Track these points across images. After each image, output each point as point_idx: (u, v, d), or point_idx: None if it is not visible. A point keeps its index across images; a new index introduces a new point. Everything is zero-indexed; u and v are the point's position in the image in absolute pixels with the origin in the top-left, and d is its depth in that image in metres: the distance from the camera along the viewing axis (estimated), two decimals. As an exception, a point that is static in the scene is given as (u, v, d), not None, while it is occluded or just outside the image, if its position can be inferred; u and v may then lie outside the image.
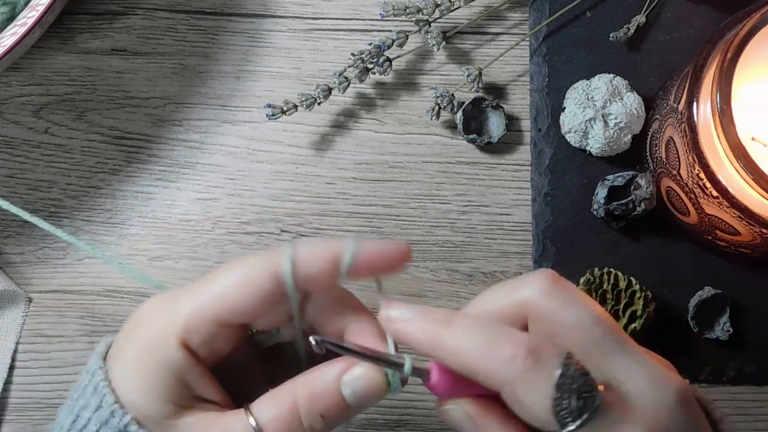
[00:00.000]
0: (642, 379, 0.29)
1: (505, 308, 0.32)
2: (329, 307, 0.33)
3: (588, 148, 0.49)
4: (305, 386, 0.32)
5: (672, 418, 0.29)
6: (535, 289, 0.31)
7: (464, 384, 0.32)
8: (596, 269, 0.48)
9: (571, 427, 0.28)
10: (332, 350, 0.31)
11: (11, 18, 0.47)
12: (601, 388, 0.29)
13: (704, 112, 0.41)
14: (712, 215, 0.44)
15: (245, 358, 0.35)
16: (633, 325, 0.47)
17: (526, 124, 0.52)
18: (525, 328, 0.32)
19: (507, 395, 0.30)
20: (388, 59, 0.51)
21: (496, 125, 0.51)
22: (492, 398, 0.31)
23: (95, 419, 0.31)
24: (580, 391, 0.28)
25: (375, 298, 0.33)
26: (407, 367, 0.31)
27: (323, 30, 0.53)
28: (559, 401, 0.28)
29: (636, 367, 0.30)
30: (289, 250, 0.31)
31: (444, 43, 0.51)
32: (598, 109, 0.48)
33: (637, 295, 0.47)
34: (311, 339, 0.31)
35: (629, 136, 0.49)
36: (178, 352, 0.31)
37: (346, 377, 0.31)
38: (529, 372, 0.29)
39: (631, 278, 0.48)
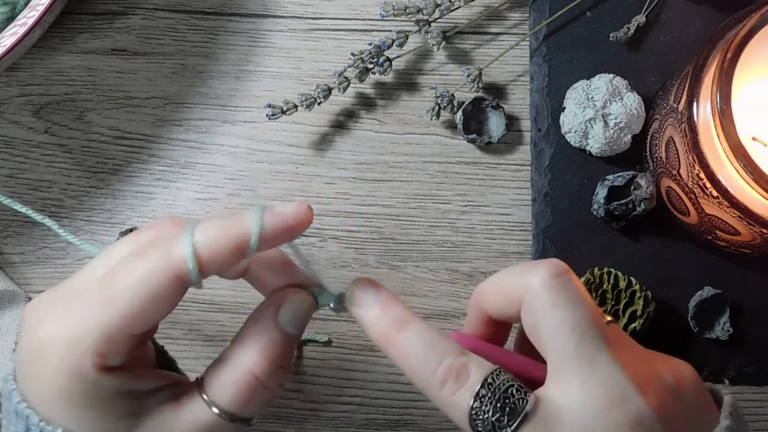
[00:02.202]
0: (590, 392, 0.29)
1: (511, 289, 0.32)
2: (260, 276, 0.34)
3: (588, 148, 0.49)
4: (253, 356, 0.31)
5: None
6: (537, 278, 0.31)
7: (482, 350, 0.33)
8: (596, 269, 0.48)
9: None
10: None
11: (11, 18, 0.47)
12: (531, 401, 0.29)
13: (704, 112, 0.41)
14: (712, 215, 0.44)
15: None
16: (633, 325, 0.47)
17: (526, 124, 0.52)
18: None
19: (438, 407, 0.31)
20: (388, 59, 0.51)
21: (496, 125, 0.51)
22: (508, 366, 0.33)
23: None
24: (501, 409, 0.29)
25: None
26: (329, 297, 0.34)
27: (323, 30, 0.53)
28: (474, 419, 0.30)
29: (592, 379, 0.29)
30: (188, 244, 0.29)
31: (444, 43, 0.51)
32: (598, 109, 0.48)
33: (637, 295, 0.47)
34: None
35: (629, 136, 0.49)
36: (104, 378, 0.30)
37: (283, 316, 0.32)
38: (451, 391, 0.30)
39: (631, 278, 0.48)
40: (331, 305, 0.34)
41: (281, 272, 0.34)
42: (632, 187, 0.48)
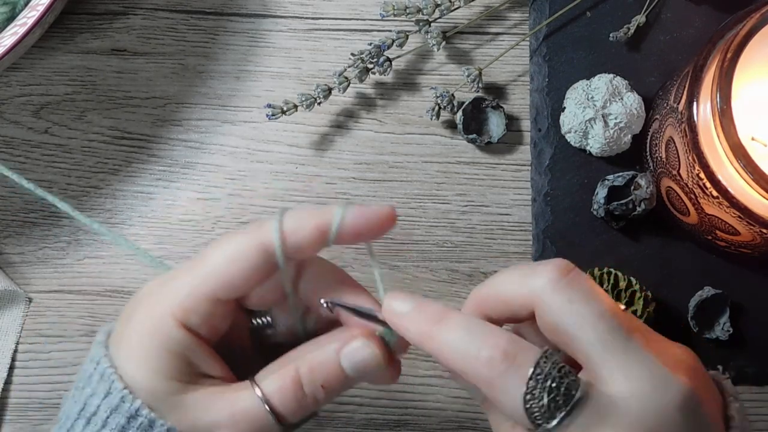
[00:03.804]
0: (635, 380, 0.29)
1: (515, 296, 0.32)
2: (322, 283, 0.34)
3: (588, 148, 0.49)
4: (307, 358, 0.32)
5: (661, 425, 0.28)
6: (544, 281, 0.31)
7: None
8: (596, 269, 0.48)
9: (548, 426, 0.29)
10: (341, 312, 0.33)
11: (11, 18, 0.47)
12: (584, 385, 0.29)
13: (704, 112, 0.41)
14: (712, 215, 0.44)
15: (244, 340, 0.36)
16: (633, 325, 0.47)
17: (526, 124, 0.52)
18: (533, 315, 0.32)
19: (487, 395, 0.30)
20: (388, 59, 0.51)
21: (496, 125, 0.51)
22: None
23: (105, 405, 0.31)
24: (556, 389, 0.28)
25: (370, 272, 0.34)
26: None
27: (323, 30, 0.53)
28: (528, 401, 0.29)
29: (633, 368, 0.29)
30: (276, 221, 0.32)
31: (444, 43, 0.51)
32: (598, 109, 0.48)
33: (637, 295, 0.47)
34: (321, 301, 0.32)
35: (629, 136, 0.49)
36: (178, 331, 0.32)
37: (346, 350, 0.32)
38: (503, 375, 0.29)
39: (631, 278, 0.48)
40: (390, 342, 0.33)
41: (333, 282, 0.34)
42: (632, 187, 0.48)
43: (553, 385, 0.29)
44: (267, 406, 0.32)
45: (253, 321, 0.36)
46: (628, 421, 0.28)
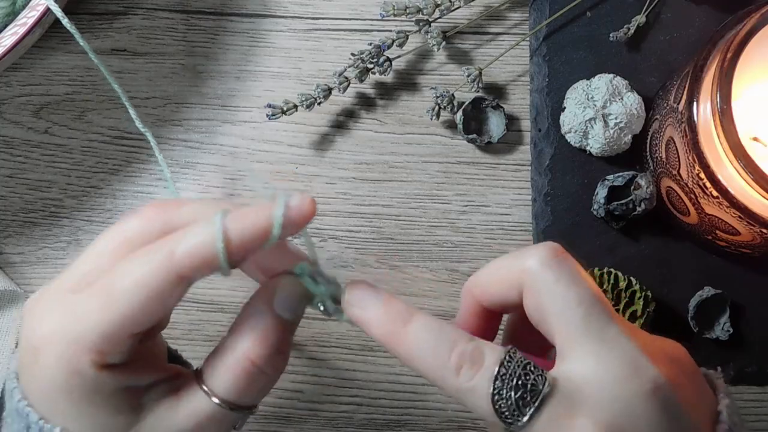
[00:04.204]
0: (607, 362, 0.29)
1: (508, 276, 0.32)
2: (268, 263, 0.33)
3: (588, 148, 0.49)
4: (249, 342, 0.31)
5: (632, 414, 0.28)
6: (535, 259, 0.31)
7: None
8: (596, 269, 0.48)
9: (519, 423, 0.29)
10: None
11: (12, 13, 0.47)
12: (550, 379, 0.29)
13: (704, 112, 0.41)
14: (712, 215, 0.44)
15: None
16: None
17: (526, 124, 0.52)
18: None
19: (458, 400, 0.30)
20: (388, 59, 0.51)
21: (496, 125, 0.51)
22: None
23: None
24: (522, 386, 0.29)
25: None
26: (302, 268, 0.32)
27: (323, 30, 0.53)
28: (497, 401, 0.29)
29: (607, 350, 0.29)
30: (218, 232, 0.29)
31: (444, 43, 0.51)
32: (598, 109, 0.48)
33: (637, 295, 0.47)
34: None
35: (629, 136, 0.49)
36: (102, 375, 0.30)
37: (277, 300, 0.32)
38: (470, 380, 0.30)
39: (631, 278, 0.48)
40: (322, 308, 0.32)
41: (277, 258, 0.33)
42: (632, 187, 0.48)
43: (519, 382, 0.29)
44: (228, 408, 0.31)
45: None
46: (598, 408, 0.28)
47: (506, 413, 0.29)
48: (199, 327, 0.50)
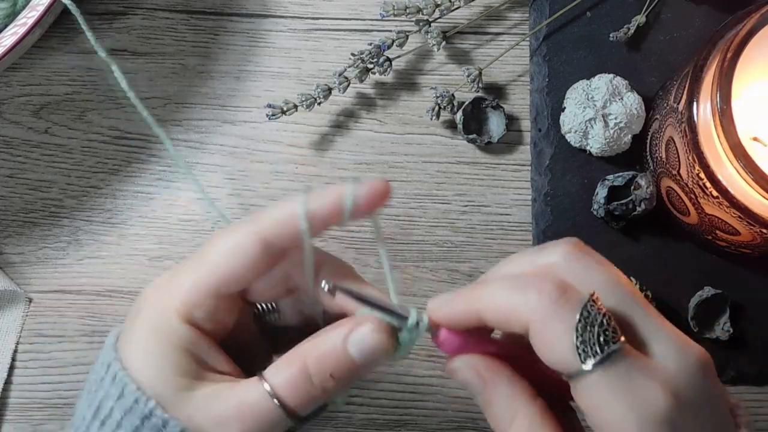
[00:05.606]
0: (664, 340, 0.30)
1: (512, 314, 0.31)
2: (331, 275, 0.34)
3: (588, 148, 0.49)
4: (313, 348, 0.32)
5: (691, 384, 0.29)
6: (559, 254, 0.31)
7: (473, 341, 0.32)
8: (596, 269, 0.48)
9: (590, 363, 0.29)
10: (345, 301, 0.33)
11: (12, 14, 0.47)
12: (622, 337, 0.29)
13: (704, 112, 0.41)
14: (712, 215, 0.44)
15: (251, 334, 0.36)
16: (633, 325, 0.47)
17: (526, 124, 0.52)
18: None
19: (534, 333, 0.30)
20: (388, 59, 0.51)
21: (496, 125, 0.51)
22: (499, 357, 0.32)
23: (118, 407, 0.32)
24: (601, 330, 0.29)
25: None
26: (412, 317, 0.32)
27: (323, 30, 0.53)
28: (580, 334, 0.29)
29: (659, 330, 0.30)
30: (302, 199, 0.32)
31: (444, 43, 0.51)
32: (598, 109, 0.48)
33: (637, 295, 0.47)
34: (323, 282, 0.32)
35: (629, 136, 0.49)
36: (183, 327, 0.32)
37: (353, 336, 0.32)
38: (556, 305, 0.29)
39: (631, 278, 0.48)
40: (402, 336, 0.33)
41: (342, 276, 0.34)
42: (632, 187, 0.48)
43: (599, 328, 0.29)
44: (276, 400, 0.32)
45: (258, 306, 0.36)
46: (664, 377, 0.29)
47: (586, 350, 0.29)
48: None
